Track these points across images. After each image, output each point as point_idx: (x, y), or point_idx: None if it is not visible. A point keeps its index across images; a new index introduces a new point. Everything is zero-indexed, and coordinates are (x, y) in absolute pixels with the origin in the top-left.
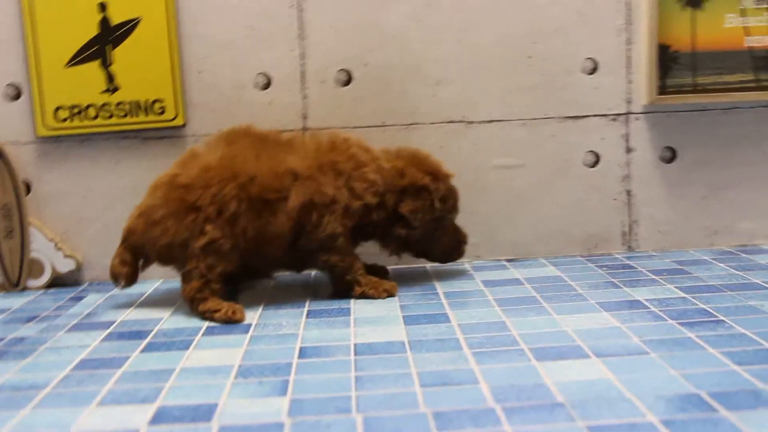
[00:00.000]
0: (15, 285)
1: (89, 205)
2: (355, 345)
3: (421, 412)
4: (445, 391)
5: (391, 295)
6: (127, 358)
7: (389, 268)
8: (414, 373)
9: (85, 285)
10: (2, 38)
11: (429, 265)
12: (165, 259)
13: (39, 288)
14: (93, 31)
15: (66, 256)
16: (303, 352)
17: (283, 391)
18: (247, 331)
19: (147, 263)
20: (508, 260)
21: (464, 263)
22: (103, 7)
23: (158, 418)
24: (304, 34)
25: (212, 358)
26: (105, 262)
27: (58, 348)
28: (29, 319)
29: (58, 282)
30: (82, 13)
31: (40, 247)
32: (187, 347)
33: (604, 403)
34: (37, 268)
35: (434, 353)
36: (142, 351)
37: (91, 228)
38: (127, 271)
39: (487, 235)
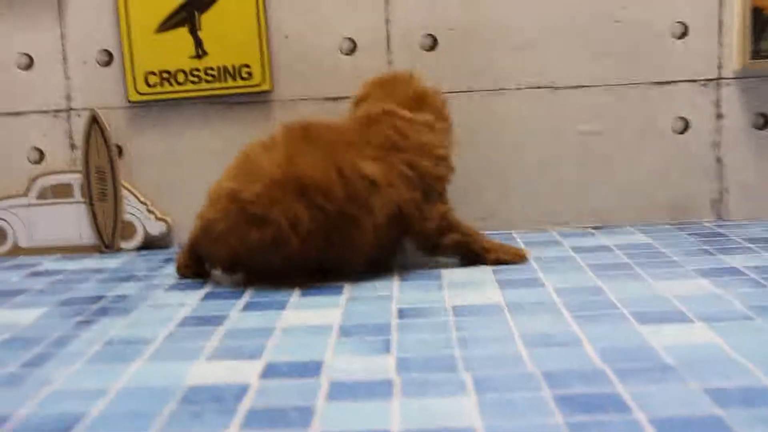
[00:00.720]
0: (108, 246)
1: (178, 169)
2: (453, 307)
3: (530, 371)
4: (550, 352)
5: (524, 258)
6: (227, 316)
7: None
8: (516, 334)
9: (175, 247)
10: (95, 5)
11: (515, 232)
12: (231, 269)
13: (131, 250)
14: None
15: (157, 218)
16: (401, 313)
17: (386, 350)
18: (340, 293)
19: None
20: (595, 227)
21: (550, 230)
22: None
23: (268, 372)
24: None
25: (311, 318)
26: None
27: (158, 306)
28: (127, 279)
29: (149, 244)
30: None
31: (132, 209)
32: (283, 308)
33: (715, 367)
34: (129, 230)
35: (533, 316)
36: (241, 310)
37: (180, 191)
38: (192, 272)
39: (572, 203)
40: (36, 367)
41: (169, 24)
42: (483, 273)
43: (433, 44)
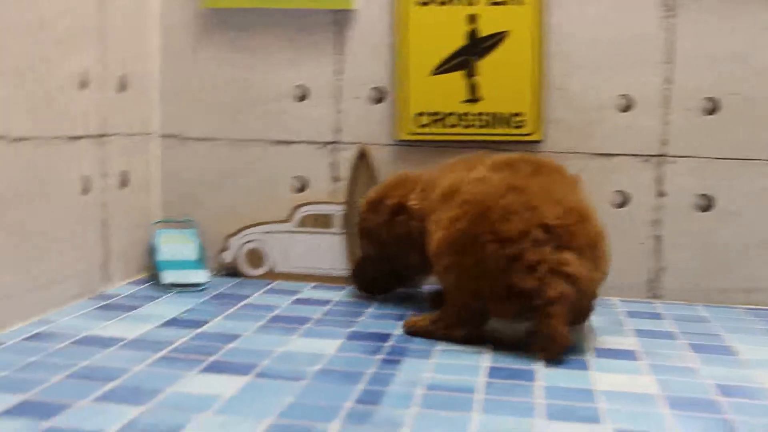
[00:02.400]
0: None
1: None
2: None
3: None
4: None
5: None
6: (534, 371)
7: None
8: None
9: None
10: (373, 43)
11: None
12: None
13: None
14: (461, 41)
15: None
16: (724, 390)
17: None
18: (632, 358)
19: None
20: None
21: None
22: (473, 18)
23: None
24: (672, 59)
25: (624, 384)
26: None
27: (453, 351)
28: (400, 317)
29: None
30: (453, 23)
31: None
32: (587, 368)
33: None
34: None
35: None
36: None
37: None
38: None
39: None
40: (374, 405)
41: (445, 67)
42: None
43: (713, 108)
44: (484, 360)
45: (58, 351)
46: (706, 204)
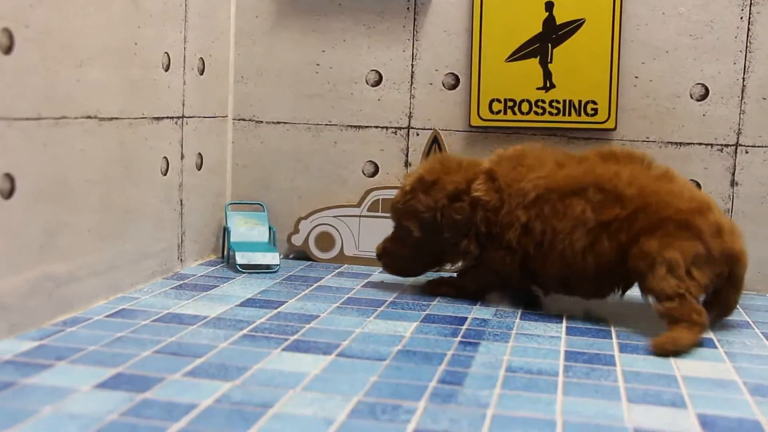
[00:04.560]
0: None
1: None
2: None
3: None
4: None
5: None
6: (614, 356)
7: None
8: None
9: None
10: (449, 29)
11: None
12: None
13: (450, 271)
14: (537, 28)
15: None
16: None
17: None
18: (712, 346)
19: None
20: None
21: None
22: (550, 6)
23: (706, 425)
24: (752, 47)
25: (706, 370)
26: None
27: (530, 335)
28: (472, 303)
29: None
30: (529, 10)
31: None
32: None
33: None
34: None
35: None
36: (622, 351)
37: None
38: None
39: None
40: (458, 386)
41: (520, 54)
42: None
43: None
44: (562, 344)
45: (142, 327)
46: None
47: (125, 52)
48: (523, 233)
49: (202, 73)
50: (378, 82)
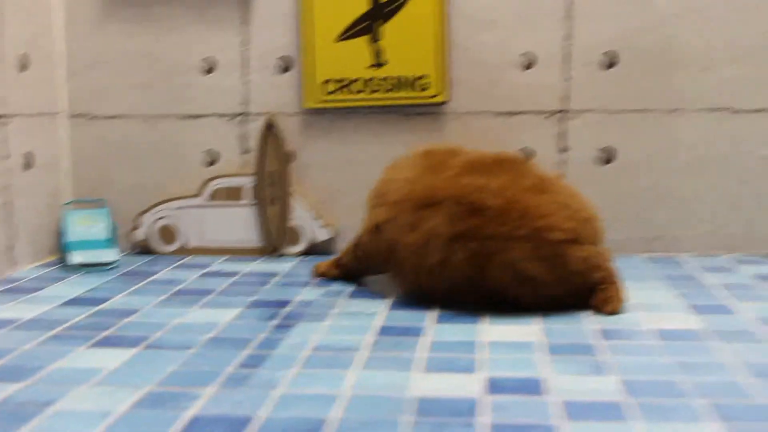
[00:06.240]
0: (274, 250)
1: (348, 177)
2: (656, 330)
3: None
4: None
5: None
6: (424, 327)
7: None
8: (738, 362)
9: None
10: (279, 13)
11: (685, 254)
12: None
13: (295, 254)
14: (364, 6)
15: (323, 225)
16: (605, 334)
17: (605, 371)
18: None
19: None
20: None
21: (721, 255)
22: None
23: (492, 388)
24: (571, 15)
25: (511, 334)
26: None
27: (349, 313)
28: (304, 284)
29: (313, 249)
30: None
31: (300, 214)
32: (478, 321)
33: None
34: (295, 234)
35: (749, 344)
36: (436, 323)
37: (348, 199)
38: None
39: (746, 229)
40: (255, 368)
41: (351, 33)
42: (667, 297)
43: (612, 62)
44: (379, 320)
45: None
46: (607, 157)
47: None
48: (377, 231)
49: (25, 69)
50: (211, 70)
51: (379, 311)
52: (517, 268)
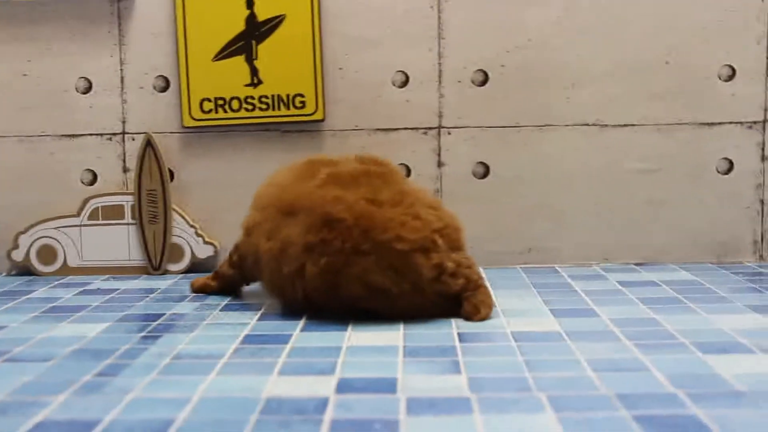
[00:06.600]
0: (156, 268)
1: (229, 194)
2: (512, 333)
3: (604, 394)
4: (620, 376)
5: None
6: (290, 335)
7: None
8: (582, 359)
9: None
10: (155, 32)
11: (558, 266)
12: None
13: (178, 272)
14: (240, 26)
15: (205, 242)
16: (462, 338)
17: (456, 370)
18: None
19: None
20: (637, 264)
21: (593, 265)
22: (250, 3)
23: (343, 387)
24: (443, 34)
25: (374, 339)
26: None
27: (219, 324)
28: (180, 299)
29: (195, 267)
30: (231, 9)
31: (181, 232)
32: (345, 329)
33: None
34: (177, 252)
35: (595, 343)
36: (302, 330)
37: (229, 216)
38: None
39: (616, 239)
40: (112, 377)
41: (226, 52)
42: (534, 303)
43: (484, 79)
44: (246, 330)
45: None
46: (483, 171)
47: None
48: (248, 234)
49: None
50: (89, 89)
51: (251, 322)
52: (365, 280)
